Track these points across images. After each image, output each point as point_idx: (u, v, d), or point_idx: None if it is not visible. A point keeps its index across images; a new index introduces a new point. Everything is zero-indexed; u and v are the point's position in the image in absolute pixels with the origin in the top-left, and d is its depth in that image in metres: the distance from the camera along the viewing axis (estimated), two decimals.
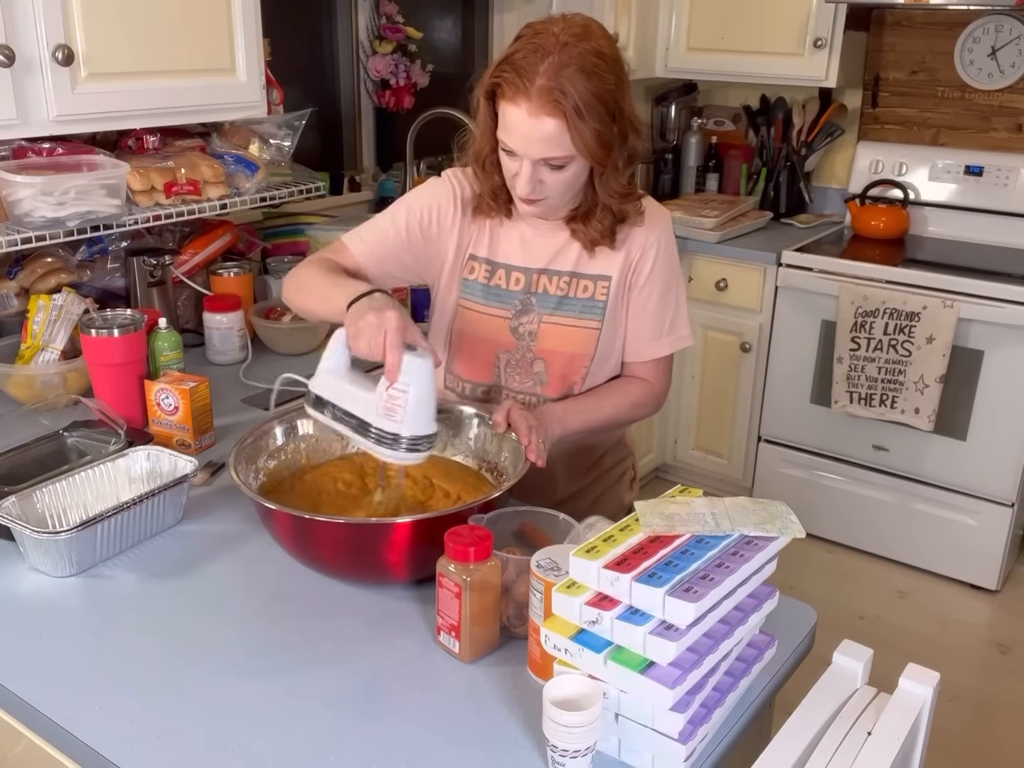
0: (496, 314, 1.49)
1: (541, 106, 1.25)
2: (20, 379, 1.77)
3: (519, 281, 1.48)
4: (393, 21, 2.98)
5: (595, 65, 1.27)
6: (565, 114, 1.25)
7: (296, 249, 2.55)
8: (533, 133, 1.27)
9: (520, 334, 1.49)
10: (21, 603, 1.22)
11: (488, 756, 0.97)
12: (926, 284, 2.80)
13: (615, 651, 0.93)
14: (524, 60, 1.26)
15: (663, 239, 1.48)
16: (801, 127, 3.42)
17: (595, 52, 1.27)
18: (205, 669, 1.10)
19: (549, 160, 1.31)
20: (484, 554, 1.07)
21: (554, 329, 1.48)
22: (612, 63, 1.30)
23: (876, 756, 0.91)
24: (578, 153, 1.30)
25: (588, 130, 1.27)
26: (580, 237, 1.45)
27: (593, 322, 1.47)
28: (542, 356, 1.50)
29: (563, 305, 1.48)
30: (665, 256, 1.48)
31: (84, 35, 1.69)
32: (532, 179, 1.32)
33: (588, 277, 1.47)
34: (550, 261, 1.47)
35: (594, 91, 1.26)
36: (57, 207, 1.71)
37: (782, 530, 1.00)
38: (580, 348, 1.49)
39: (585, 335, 1.48)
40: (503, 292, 1.49)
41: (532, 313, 1.48)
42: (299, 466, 1.43)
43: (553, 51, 1.25)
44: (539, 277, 1.48)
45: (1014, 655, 2.71)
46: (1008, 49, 3.08)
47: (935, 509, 2.98)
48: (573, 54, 1.25)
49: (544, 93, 1.24)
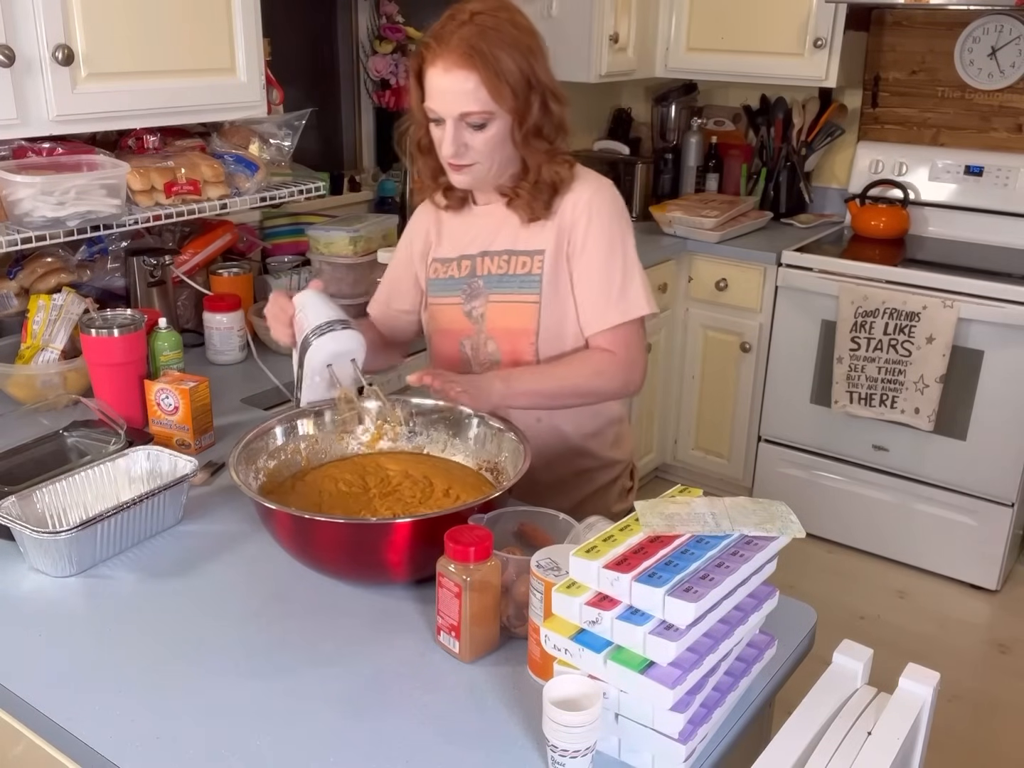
0: (451, 303, 1.58)
1: (455, 61, 1.35)
2: (20, 379, 1.77)
3: (466, 267, 1.56)
4: (393, 21, 2.99)
5: (507, 29, 1.37)
6: (478, 68, 1.34)
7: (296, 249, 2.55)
8: (450, 87, 1.36)
9: (474, 318, 1.56)
10: (21, 603, 1.22)
11: (488, 756, 0.97)
12: (926, 284, 2.80)
13: (615, 651, 0.93)
14: (441, 29, 1.38)
15: (595, 203, 1.48)
16: (801, 127, 3.42)
17: (508, 20, 1.39)
18: (205, 669, 1.10)
19: (468, 116, 1.38)
20: (484, 554, 1.07)
21: (498, 307, 1.54)
22: (525, 32, 1.40)
23: (876, 756, 0.91)
24: (496, 107, 1.37)
25: (503, 84, 1.36)
26: (518, 212, 1.50)
27: (532, 296, 1.51)
28: (492, 336, 1.56)
29: (504, 283, 1.53)
30: (599, 220, 1.48)
31: (84, 35, 1.69)
32: (456, 139, 1.40)
33: (525, 253, 1.51)
34: (489, 243, 1.54)
35: (507, 50, 1.36)
36: (57, 207, 1.71)
37: (782, 530, 1.00)
38: (523, 323, 1.52)
39: (526, 309, 1.51)
40: (453, 281, 1.57)
41: (480, 296, 1.55)
42: (299, 466, 1.43)
43: (467, 20, 1.37)
44: (482, 260, 1.54)
45: (1014, 655, 2.71)
46: (1008, 49, 3.08)
47: (935, 509, 2.98)
48: (486, 21, 1.37)
49: (457, 48, 1.35)
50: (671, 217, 3.24)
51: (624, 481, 1.71)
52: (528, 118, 1.41)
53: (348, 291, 2.31)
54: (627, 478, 1.72)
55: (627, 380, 1.52)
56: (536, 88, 1.40)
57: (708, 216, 3.19)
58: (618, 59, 3.22)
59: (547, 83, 1.41)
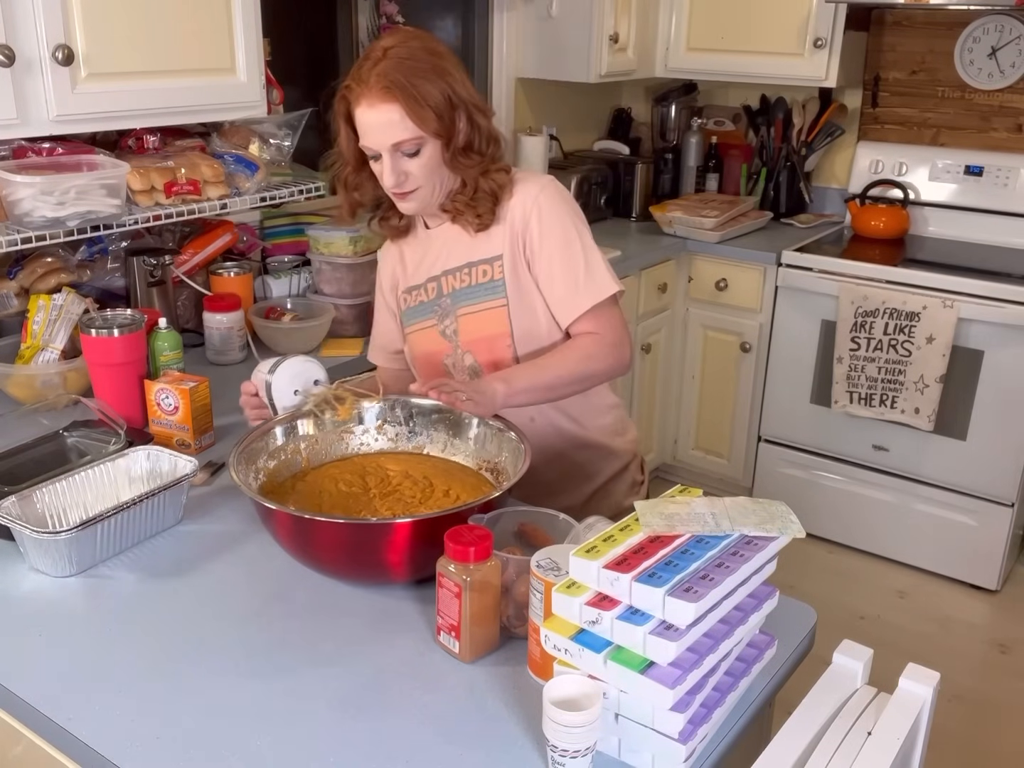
0: (426, 326, 1.62)
1: (377, 95, 1.40)
2: (20, 379, 1.77)
3: (432, 290, 1.60)
4: (393, 21, 2.98)
5: (420, 56, 1.42)
6: (399, 99, 1.39)
7: (296, 249, 2.55)
8: (377, 122, 1.41)
9: (448, 336, 1.59)
10: (21, 603, 1.22)
11: (488, 756, 0.97)
12: (926, 284, 2.80)
13: (615, 651, 0.93)
14: (359, 70, 1.43)
15: (542, 199, 1.50)
16: (801, 127, 3.42)
17: (420, 48, 1.43)
18: (205, 669, 1.10)
19: (401, 146, 1.42)
20: (484, 554, 1.07)
21: (469, 320, 1.56)
22: (438, 56, 1.44)
23: (876, 756, 0.91)
24: (423, 133, 1.41)
25: (425, 110, 1.40)
26: (465, 225, 1.53)
27: (498, 300, 1.53)
28: (468, 349, 1.58)
29: (469, 294, 1.55)
30: (549, 215, 1.50)
31: (84, 35, 1.69)
32: (395, 169, 1.44)
33: (483, 261, 1.54)
34: (447, 261, 1.57)
35: (424, 76, 1.40)
36: (57, 207, 1.71)
37: (782, 530, 1.00)
38: (494, 328, 1.54)
39: (495, 315, 1.53)
40: (424, 305, 1.61)
41: (451, 314, 1.58)
42: (300, 466, 1.43)
43: (381, 56, 1.41)
44: (445, 278, 1.58)
45: (1014, 655, 2.71)
46: (1008, 49, 3.08)
47: (935, 509, 2.98)
48: (399, 52, 1.41)
49: (377, 85, 1.39)
50: (671, 217, 3.24)
51: (634, 474, 1.72)
52: (455, 137, 1.45)
53: (348, 291, 2.31)
54: (637, 471, 1.72)
55: (618, 357, 1.53)
56: (459, 106, 1.44)
57: (708, 216, 3.19)
58: (618, 59, 3.22)
59: (468, 99, 1.45)
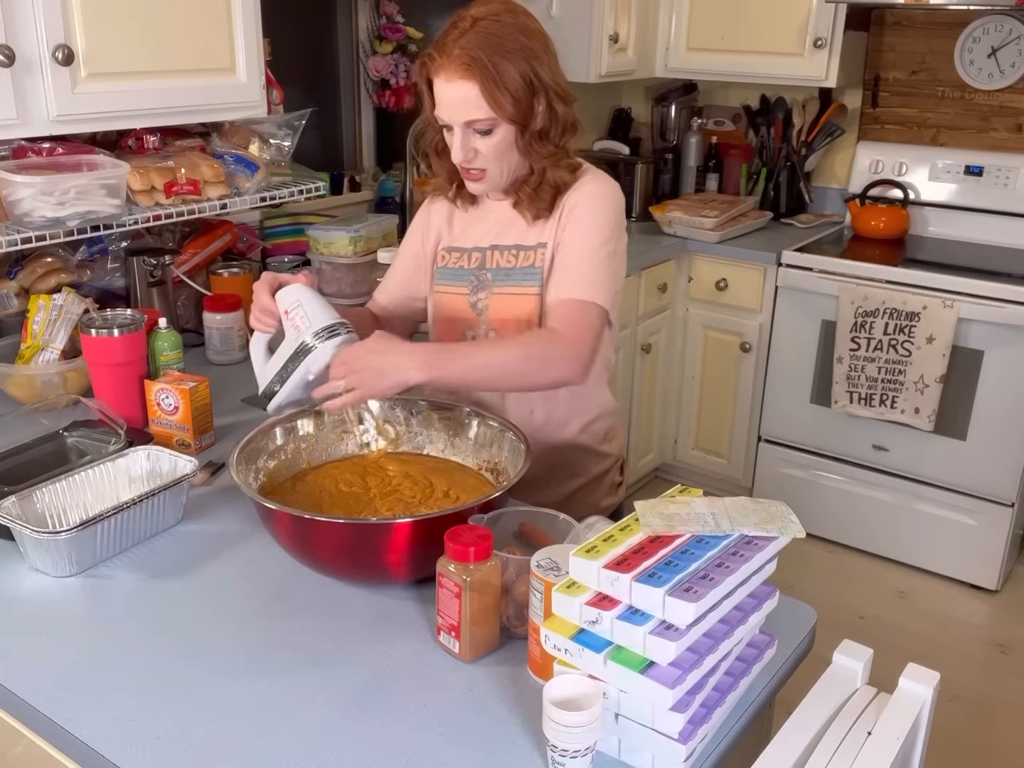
0: (457, 292, 1.59)
1: (455, 70, 1.37)
2: (20, 379, 1.77)
3: (476, 259, 1.58)
4: (393, 21, 2.99)
5: (508, 34, 1.38)
6: (477, 78, 1.36)
7: (296, 249, 2.55)
8: (453, 97, 1.39)
9: (479, 309, 1.58)
10: (21, 603, 1.22)
11: (488, 756, 0.97)
12: (926, 284, 2.80)
13: (615, 651, 0.93)
14: (443, 38, 1.40)
15: (597, 201, 1.49)
16: (801, 127, 3.42)
17: (511, 24, 1.39)
18: (205, 669, 1.10)
19: (473, 123, 1.40)
20: (484, 554, 1.07)
21: (502, 300, 1.55)
22: (528, 34, 1.41)
23: (876, 756, 0.91)
24: (496, 115, 1.39)
25: (503, 93, 1.37)
26: (523, 211, 1.53)
27: (534, 287, 1.52)
28: (494, 327, 1.57)
29: (509, 276, 1.54)
30: (594, 215, 1.48)
31: (84, 35, 1.69)
32: (464, 145, 1.42)
33: (529, 247, 1.54)
34: (500, 237, 1.56)
35: (508, 56, 1.37)
36: (57, 207, 1.71)
37: (782, 530, 1.00)
38: (525, 314, 1.53)
39: (528, 301, 1.52)
40: (462, 271, 1.59)
41: (486, 288, 1.56)
42: (300, 466, 1.43)
43: (468, 27, 1.38)
44: (492, 253, 1.56)
45: (1014, 655, 2.71)
46: (1008, 49, 3.08)
47: (935, 509, 2.98)
48: (487, 27, 1.38)
49: (458, 59, 1.37)
50: (671, 217, 3.24)
51: (614, 475, 1.71)
52: (531, 123, 1.42)
53: (348, 291, 2.31)
54: (617, 472, 1.72)
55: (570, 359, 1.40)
56: (540, 91, 1.41)
57: (708, 216, 3.19)
58: (618, 59, 3.22)
59: (551, 85, 1.42)
